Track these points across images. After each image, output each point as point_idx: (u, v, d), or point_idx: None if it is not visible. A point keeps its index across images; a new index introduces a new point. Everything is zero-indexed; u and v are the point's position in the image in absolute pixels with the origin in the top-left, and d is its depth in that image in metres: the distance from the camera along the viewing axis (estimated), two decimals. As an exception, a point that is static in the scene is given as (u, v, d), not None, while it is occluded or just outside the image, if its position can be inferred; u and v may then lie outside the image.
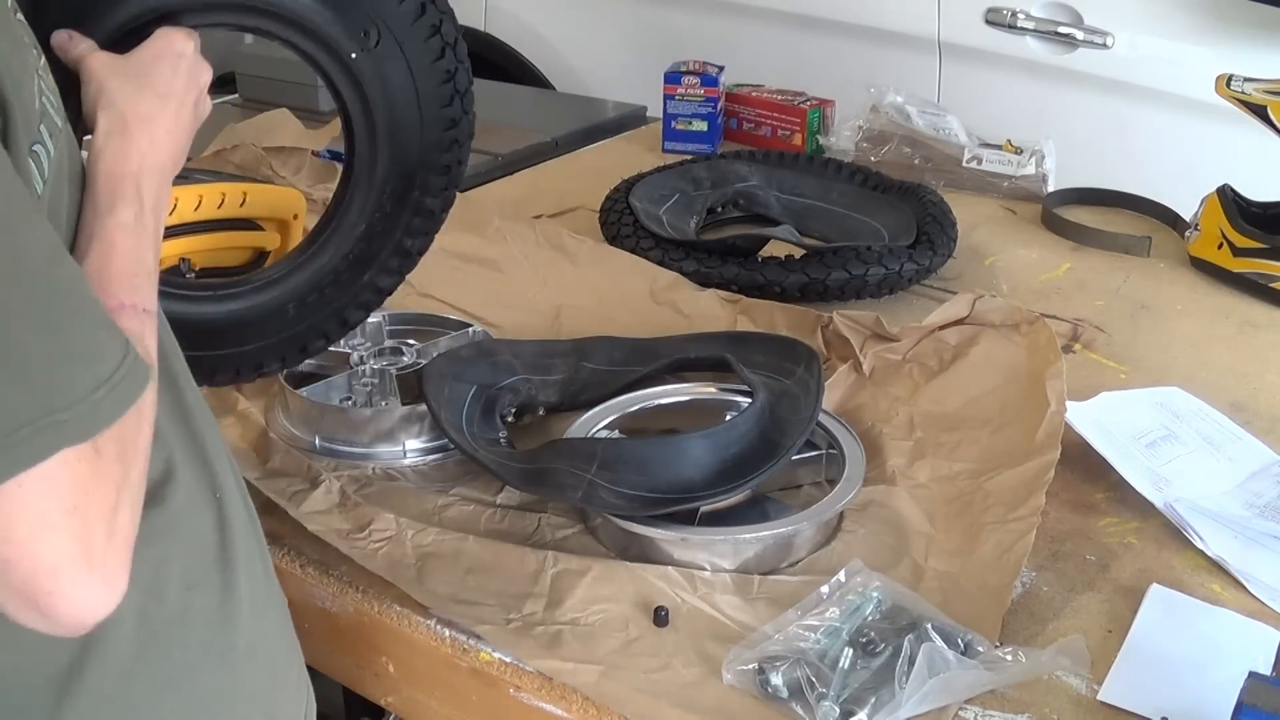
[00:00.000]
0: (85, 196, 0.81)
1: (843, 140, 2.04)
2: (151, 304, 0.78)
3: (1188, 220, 1.73)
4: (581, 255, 1.61)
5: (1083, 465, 1.18)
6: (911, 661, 0.89)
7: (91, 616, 0.66)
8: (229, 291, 1.14)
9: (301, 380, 1.27)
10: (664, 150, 2.11)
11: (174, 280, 1.16)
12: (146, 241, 0.80)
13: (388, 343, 1.33)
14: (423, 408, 1.19)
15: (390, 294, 1.21)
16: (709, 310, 1.48)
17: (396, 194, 1.15)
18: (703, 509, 1.07)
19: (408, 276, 1.22)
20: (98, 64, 0.88)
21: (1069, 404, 1.20)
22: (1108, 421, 1.22)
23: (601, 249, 1.62)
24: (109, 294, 0.75)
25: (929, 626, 0.93)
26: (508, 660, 0.96)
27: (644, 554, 1.05)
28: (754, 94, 2.18)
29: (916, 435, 1.23)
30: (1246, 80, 1.59)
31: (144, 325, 0.76)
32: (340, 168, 1.18)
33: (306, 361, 1.25)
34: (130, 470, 0.68)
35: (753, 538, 1.06)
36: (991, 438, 1.21)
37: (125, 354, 0.67)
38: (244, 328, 1.14)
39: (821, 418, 1.20)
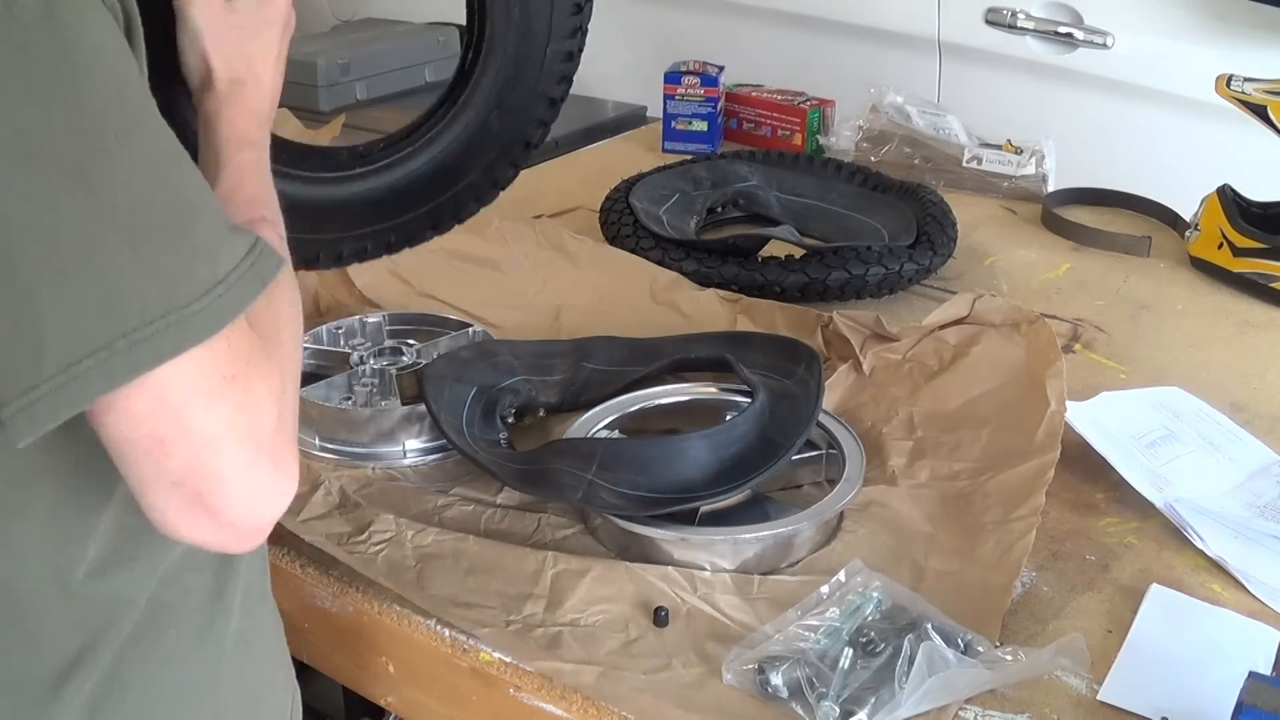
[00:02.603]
0: (208, 137, 0.86)
1: (843, 140, 2.04)
2: (281, 233, 0.82)
3: (1188, 220, 1.73)
4: (581, 255, 1.61)
5: (1083, 465, 1.18)
6: (911, 661, 0.89)
7: (267, 508, 0.65)
8: (431, 134, 1.23)
9: (301, 380, 1.27)
10: (664, 150, 2.11)
11: (377, 150, 1.23)
12: (267, 182, 0.85)
13: (388, 343, 1.33)
14: (423, 408, 1.19)
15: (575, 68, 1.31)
16: (709, 310, 1.48)
17: None
18: (703, 509, 1.07)
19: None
20: (208, 17, 0.90)
21: (1069, 404, 1.20)
22: (1108, 421, 1.22)
23: (601, 249, 1.62)
24: (249, 211, 0.79)
25: (929, 626, 0.93)
26: (508, 660, 0.96)
27: (644, 554, 1.05)
28: (754, 94, 2.18)
29: (916, 435, 1.23)
30: (1246, 80, 1.59)
31: (280, 241, 0.80)
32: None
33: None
34: (283, 344, 0.70)
35: (753, 538, 1.05)
36: (991, 438, 1.21)
37: (252, 246, 0.66)
38: (463, 157, 1.25)
39: (821, 418, 1.19)
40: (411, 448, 1.21)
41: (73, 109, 0.61)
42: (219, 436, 0.63)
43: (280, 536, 1.08)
